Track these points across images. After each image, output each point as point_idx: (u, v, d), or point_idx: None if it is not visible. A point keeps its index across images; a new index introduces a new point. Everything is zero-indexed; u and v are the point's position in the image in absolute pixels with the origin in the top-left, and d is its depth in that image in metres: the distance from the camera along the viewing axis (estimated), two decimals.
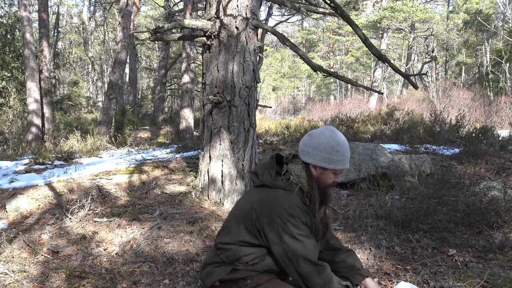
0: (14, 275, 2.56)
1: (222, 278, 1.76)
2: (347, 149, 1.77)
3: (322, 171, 1.76)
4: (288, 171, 1.77)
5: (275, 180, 1.76)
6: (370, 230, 3.20)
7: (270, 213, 1.68)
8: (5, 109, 11.25)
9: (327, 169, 1.75)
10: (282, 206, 1.67)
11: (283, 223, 1.65)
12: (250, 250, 1.75)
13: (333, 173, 1.77)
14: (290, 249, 1.65)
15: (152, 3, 24.60)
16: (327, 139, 1.73)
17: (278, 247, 1.68)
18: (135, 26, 17.65)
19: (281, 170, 1.78)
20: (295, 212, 1.67)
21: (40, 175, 4.19)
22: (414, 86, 3.97)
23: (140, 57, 26.26)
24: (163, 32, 3.51)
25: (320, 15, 7.84)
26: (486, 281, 2.35)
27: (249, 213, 1.74)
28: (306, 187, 1.74)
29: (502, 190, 3.80)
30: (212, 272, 1.80)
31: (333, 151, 1.72)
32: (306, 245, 1.66)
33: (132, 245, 3.04)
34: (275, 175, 1.77)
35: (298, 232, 1.65)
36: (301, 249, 1.65)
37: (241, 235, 1.76)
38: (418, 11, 18.35)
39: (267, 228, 1.68)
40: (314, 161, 1.74)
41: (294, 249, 1.65)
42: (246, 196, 1.92)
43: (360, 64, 29.71)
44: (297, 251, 1.65)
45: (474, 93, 14.03)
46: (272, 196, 1.73)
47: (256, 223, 1.71)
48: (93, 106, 22.61)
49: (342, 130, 7.57)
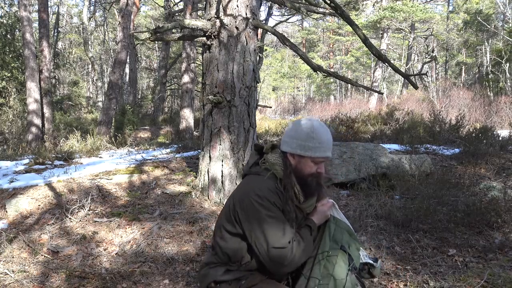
0: (14, 275, 2.56)
1: (217, 280, 1.76)
2: (325, 136, 1.71)
3: (300, 159, 1.72)
4: (265, 160, 1.77)
5: (252, 168, 1.79)
6: (370, 230, 3.20)
7: (241, 196, 1.69)
8: (5, 109, 11.25)
9: (304, 156, 1.71)
10: (252, 188, 1.67)
11: (250, 204, 1.63)
12: (236, 245, 1.73)
13: (312, 161, 1.72)
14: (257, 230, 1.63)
15: (152, 3, 24.60)
16: (303, 127, 1.71)
17: (248, 231, 1.66)
18: (135, 26, 17.65)
19: (260, 159, 1.80)
20: (262, 193, 1.65)
21: (40, 175, 4.19)
22: (414, 86, 3.97)
23: (140, 57, 26.26)
24: (163, 32, 3.51)
25: (320, 15, 7.84)
26: (486, 281, 2.35)
27: (229, 203, 1.76)
28: (280, 174, 1.72)
29: (502, 190, 3.80)
30: (207, 273, 1.80)
31: (308, 138, 1.69)
32: (273, 226, 1.62)
33: (132, 245, 3.04)
34: (252, 164, 1.80)
35: (266, 212, 1.62)
36: (267, 230, 1.61)
37: (226, 227, 1.76)
38: (418, 11, 18.35)
39: (239, 211, 1.67)
40: (290, 149, 1.72)
41: (261, 230, 1.62)
42: (234, 191, 1.94)
43: (360, 64, 29.70)
44: (264, 232, 1.62)
45: (474, 93, 14.03)
46: (245, 182, 1.77)
47: (233, 212, 1.71)
48: (93, 106, 22.61)
49: (342, 130, 7.57)
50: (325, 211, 1.81)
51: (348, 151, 4.82)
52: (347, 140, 6.70)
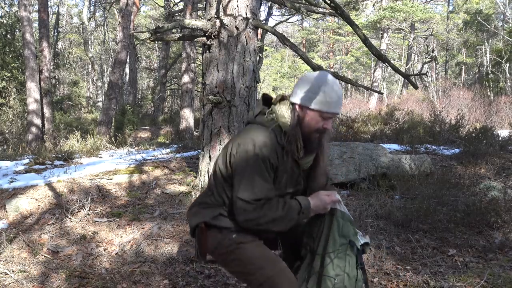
0: (14, 275, 2.56)
1: (208, 222, 1.71)
2: (337, 92, 1.66)
3: (308, 112, 1.67)
4: (273, 111, 1.72)
5: (257, 117, 1.74)
6: (370, 230, 3.20)
7: (239, 142, 1.65)
8: (5, 109, 11.25)
9: (313, 110, 1.65)
10: (251, 138, 1.63)
11: (244, 152, 1.61)
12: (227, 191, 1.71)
13: (320, 116, 1.66)
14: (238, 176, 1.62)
15: (152, 3, 24.59)
16: (316, 79, 1.66)
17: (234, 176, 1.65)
18: (135, 26, 17.65)
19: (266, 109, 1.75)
20: (260, 145, 1.61)
21: (40, 175, 4.19)
22: (414, 86, 3.97)
23: (140, 57, 26.26)
24: (163, 32, 3.51)
25: (320, 15, 7.84)
26: (486, 281, 2.35)
27: (228, 145, 1.73)
28: (286, 126, 1.67)
29: (502, 190, 3.80)
30: (198, 213, 1.76)
31: (320, 91, 1.64)
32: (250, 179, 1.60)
33: (132, 245, 3.04)
34: (258, 113, 1.75)
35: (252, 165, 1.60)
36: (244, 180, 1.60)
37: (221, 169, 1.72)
38: (418, 11, 18.35)
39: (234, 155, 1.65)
40: (300, 101, 1.67)
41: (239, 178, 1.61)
42: None
43: (360, 64, 29.70)
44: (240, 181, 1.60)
45: (474, 93, 14.03)
46: (247, 130, 1.71)
47: (229, 155, 1.68)
48: (93, 106, 22.61)
49: (342, 130, 7.57)
50: (326, 202, 1.74)
51: (348, 151, 4.82)
52: (347, 140, 6.69)
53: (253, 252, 1.70)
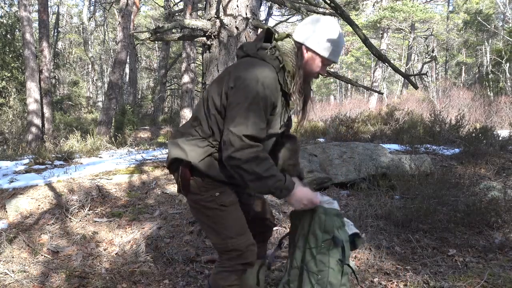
0: (14, 275, 2.56)
1: (193, 163, 1.65)
2: (342, 43, 1.69)
3: (313, 56, 1.67)
4: (276, 47, 1.67)
5: (259, 51, 1.67)
6: (370, 230, 3.20)
7: (240, 75, 1.59)
8: (5, 109, 11.26)
9: (318, 54, 1.66)
10: (255, 72, 1.57)
11: (247, 86, 1.55)
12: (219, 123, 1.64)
13: (322, 61, 1.68)
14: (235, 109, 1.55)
15: (152, 3, 24.59)
16: (326, 25, 1.65)
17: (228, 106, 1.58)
18: (135, 26, 17.65)
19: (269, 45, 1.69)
20: (265, 81, 1.56)
21: (40, 175, 4.19)
22: (414, 86, 3.97)
23: (140, 57, 26.26)
24: (163, 32, 3.51)
25: (320, 15, 7.85)
26: (486, 281, 2.35)
27: (224, 76, 1.66)
28: (289, 66, 1.66)
29: (502, 190, 3.80)
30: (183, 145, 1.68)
31: (330, 38, 1.64)
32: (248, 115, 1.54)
33: (132, 245, 3.04)
34: (260, 47, 1.68)
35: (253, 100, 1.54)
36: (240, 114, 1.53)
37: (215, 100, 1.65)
38: (418, 11, 18.36)
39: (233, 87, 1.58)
40: (310, 44, 1.65)
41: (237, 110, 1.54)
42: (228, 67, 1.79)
43: (360, 64, 29.71)
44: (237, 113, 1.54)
45: (474, 93, 14.03)
46: (248, 63, 1.64)
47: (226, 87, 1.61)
48: (93, 106, 22.61)
49: (342, 130, 7.56)
50: (308, 199, 1.71)
51: (348, 151, 4.82)
52: (347, 140, 6.70)
53: (231, 220, 1.72)
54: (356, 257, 2.84)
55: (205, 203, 1.70)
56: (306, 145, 5.63)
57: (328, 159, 4.67)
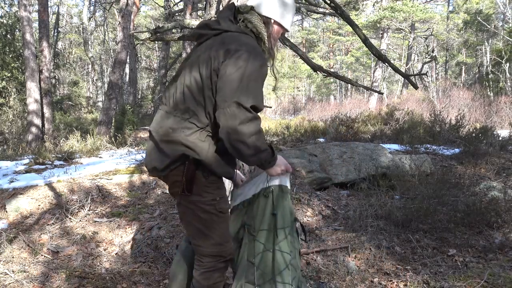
0: (14, 275, 2.56)
1: (203, 159, 1.58)
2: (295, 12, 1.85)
3: (276, 27, 1.76)
4: (247, 20, 1.69)
5: (231, 26, 1.67)
6: (370, 230, 3.20)
7: (228, 49, 1.54)
8: (5, 109, 11.25)
9: (281, 26, 1.77)
10: (246, 43, 1.58)
11: (242, 56, 1.51)
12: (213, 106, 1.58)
13: (282, 31, 1.79)
14: (234, 80, 1.49)
15: (152, 3, 24.59)
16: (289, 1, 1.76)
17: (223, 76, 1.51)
18: (135, 26, 17.65)
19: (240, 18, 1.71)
20: (258, 52, 1.57)
21: (40, 175, 4.19)
22: (414, 86, 3.97)
23: (140, 57, 26.26)
24: (163, 32, 3.52)
25: (320, 15, 7.85)
26: (486, 281, 2.35)
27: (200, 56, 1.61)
28: (264, 37, 1.70)
29: (502, 190, 3.80)
30: (187, 145, 1.57)
31: (290, 10, 1.77)
32: (250, 86, 1.50)
33: (132, 245, 3.04)
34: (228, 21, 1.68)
35: (252, 70, 1.50)
36: (242, 85, 1.49)
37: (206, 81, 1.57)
38: (418, 11, 18.36)
39: (224, 62, 1.52)
40: (275, 16, 1.74)
41: (239, 79, 1.49)
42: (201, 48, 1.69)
43: (360, 64, 29.70)
44: (240, 83, 1.49)
45: (474, 93, 14.03)
46: (234, 36, 1.62)
47: (213, 63, 1.55)
48: (93, 106, 22.60)
49: (342, 130, 7.56)
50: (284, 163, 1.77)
51: (348, 151, 4.82)
52: (347, 140, 6.69)
53: (224, 227, 1.75)
54: (356, 257, 2.84)
55: (203, 205, 1.67)
56: (306, 145, 5.63)
57: (328, 159, 4.67)
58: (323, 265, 2.75)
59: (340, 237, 3.18)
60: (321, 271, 2.66)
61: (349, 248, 2.92)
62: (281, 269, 1.73)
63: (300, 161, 4.49)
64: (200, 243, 1.74)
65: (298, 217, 3.55)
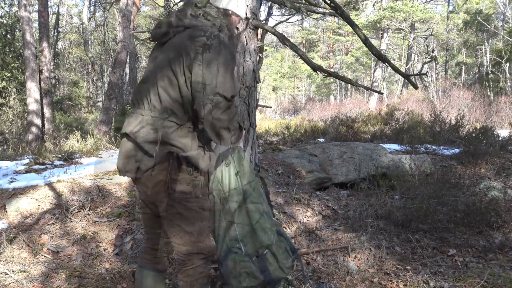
0: (14, 275, 2.56)
1: (188, 155, 1.63)
2: None
3: (235, 18, 1.82)
4: (206, 13, 1.72)
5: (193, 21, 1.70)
6: (370, 230, 3.20)
7: (205, 41, 1.59)
8: (5, 109, 11.25)
9: (238, 16, 1.83)
10: (218, 37, 1.63)
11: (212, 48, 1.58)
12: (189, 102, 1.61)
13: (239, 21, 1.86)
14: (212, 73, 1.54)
15: (152, 3, 24.58)
16: None
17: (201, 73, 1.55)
18: (135, 26, 17.65)
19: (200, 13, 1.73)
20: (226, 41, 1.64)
21: (40, 175, 4.19)
22: (414, 86, 3.97)
23: (140, 57, 26.26)
24: None
25: (320, 15, 7.86)
26: (486, 281, 2.35)
27: (178, 53, 1.62)
28: (225, 29, 1.74)
29: (502, 190, 3.80)
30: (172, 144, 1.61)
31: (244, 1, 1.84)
32: (229, 77, 1.58)
33: (132, 245, 3.04)
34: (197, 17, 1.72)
35: (226, 58, 1.59)
36: (222, 77, 1.55)
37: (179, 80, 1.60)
38: (418, 11, 18.34)
39: (194, 56, 1.57)
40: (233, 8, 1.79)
41: (216, 71, 1.55)
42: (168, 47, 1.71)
43: (360, 64, 29.69)
44: (218, 78, 1.54)
45: (474, 93, 14.02)
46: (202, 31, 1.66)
47: (185, 60, 1.59)
48: (93, 106, 22.59)
49: (342, 130, 7.57)
50: None
51: (348, 151, 4.82)
52: (347, 140, 6.70)
53: (204, 225, 1.78)
54: (356, 257, 2.84)
55: (186, 202, 1.69)
56: (306, 145, 5.63)
57: (328, 159, 4.67)
58: (323, 265, 2.75)
59: (340, 237, 3.18)
60: (321, 271, 2.66)
61: (349, 248, 2.92)
62: (257, 218, 1.88)
63: (300, 161, 4.49)
64: (179, 241, 1.75)
65: (298, 217, 3.55)
